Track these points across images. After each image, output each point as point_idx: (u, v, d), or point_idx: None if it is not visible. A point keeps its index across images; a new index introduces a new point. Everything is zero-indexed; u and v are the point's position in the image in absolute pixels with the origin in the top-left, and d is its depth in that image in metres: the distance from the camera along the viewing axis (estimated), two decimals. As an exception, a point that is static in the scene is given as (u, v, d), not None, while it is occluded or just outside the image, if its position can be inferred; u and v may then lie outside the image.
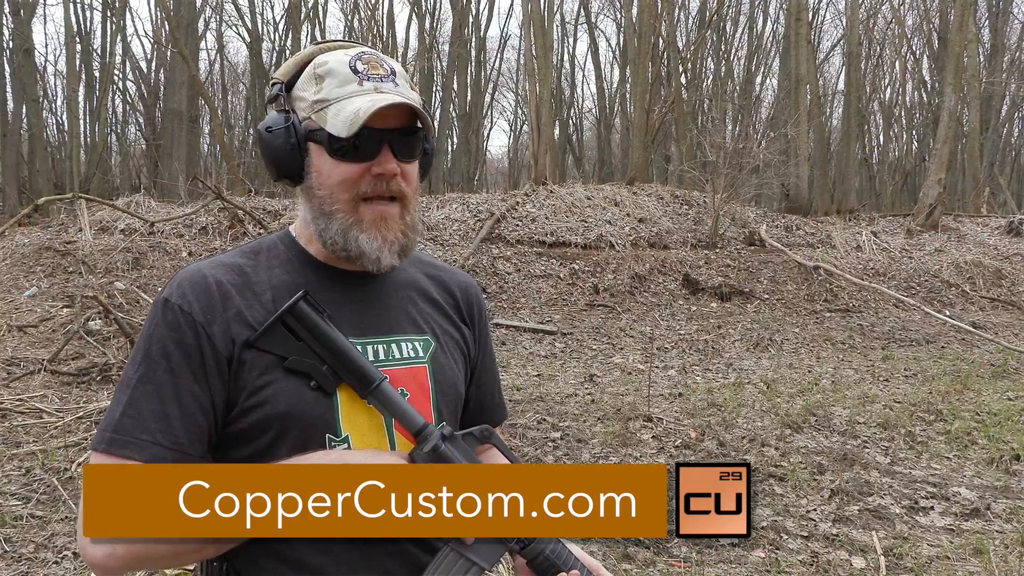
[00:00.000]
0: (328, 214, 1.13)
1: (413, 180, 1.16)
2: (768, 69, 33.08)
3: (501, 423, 1.41)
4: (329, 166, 1.12)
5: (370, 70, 1.13)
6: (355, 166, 1.11)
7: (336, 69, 1.13)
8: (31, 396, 5.29)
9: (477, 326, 1.33)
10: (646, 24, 18.68)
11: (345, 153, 1.10)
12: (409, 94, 1.14)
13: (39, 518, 3.52)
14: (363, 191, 1.12)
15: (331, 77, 1.12)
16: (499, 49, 36.17)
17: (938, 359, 8.69)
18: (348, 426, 1.11)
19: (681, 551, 3.63)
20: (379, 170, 1.10)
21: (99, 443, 1.04)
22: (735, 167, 13.82)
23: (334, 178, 1.12)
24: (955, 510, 4.20)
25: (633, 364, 7.88)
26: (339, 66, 1.13)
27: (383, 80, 1.12)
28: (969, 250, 14.71)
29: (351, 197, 1.12)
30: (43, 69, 26.61)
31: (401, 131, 1.12)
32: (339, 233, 1.13)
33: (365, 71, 1.12)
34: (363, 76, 1.12)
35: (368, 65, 1.13)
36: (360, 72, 1.12)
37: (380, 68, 1.14)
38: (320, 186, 1.13)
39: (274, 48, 29.41)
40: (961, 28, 16.71)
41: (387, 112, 1.09)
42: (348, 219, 1.12)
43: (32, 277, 8.81)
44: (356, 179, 1.11)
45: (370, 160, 1.11)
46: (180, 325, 1.07)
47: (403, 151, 1.13)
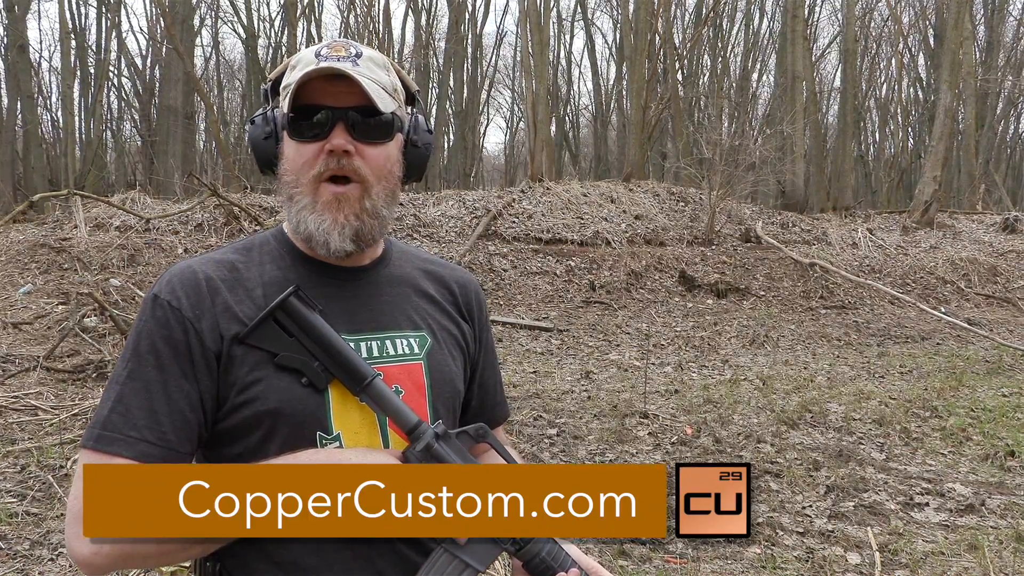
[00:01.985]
0: (291, 197, 1.13)
1: (377, 165, 1.14)
2: (764, 66, 33.13)
3: (504, 421, 1.40)
4: (292, 149, 1.13)
5: (331, 52, 1.12)
6: (311, 145, 1.11)
7: (304, 57, 1.13)
8: (26, 393, 5.28)
9: (477, 322, 1.32)
10: (643, 21, 18.66)
11: (301, 133, 1.11)
12: (369, 74, 1.11)
13: (34, 515, 3.52)
14: (320, 171, 1.11)
15: (299, 65, 1.13)
16: (495, 46, 36.15)
17: (933, 356, 8.72)
18: (340, 424, 1.10)
19: (677, 547, 3.64)
20: (329, 146, 1.10)
21: (88, 440, 1.03)
22: (731, 164, 13.83)
23: (296, 161, 1.12)
24: (950, 506, 4.22)
25: (629, 361, 7.89)
26: (307, 54, 1.13)
27: (340, 60, 1.11)
28: (964, 247, 14.75)
29: (311, 179, 1.12)
30: (38, 65, 26.52)
31: (360, 111, 1.11)
32: (296, 214, 1.13)
33: (327, 54, 1.12)
34: (323, 58, 1.11)
35: (331, 49, 1.13)
36: (321, 55, 1.12)
37: (343, 51, 1.13)
38: (286, 171, 1.14)
39: (270, 44, 29.36)
40: (957, 25, 16.73)
41: (341, 89, 1.09)
42: (305, 200, 1.12)
43: (27, 274, 8.79)
44: (313, 159, 1.11)
45: (324, 138, 1.11)
46: (169, 321, 1.07)
47: (361, 131, 1.11)
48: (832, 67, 36.46)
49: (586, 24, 33.44)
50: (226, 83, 33.08)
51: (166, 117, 21.00)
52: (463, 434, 1.10)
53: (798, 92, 17.40)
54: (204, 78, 29.10)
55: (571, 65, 37.39)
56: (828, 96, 31.42)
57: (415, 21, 31.41)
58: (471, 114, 31.59)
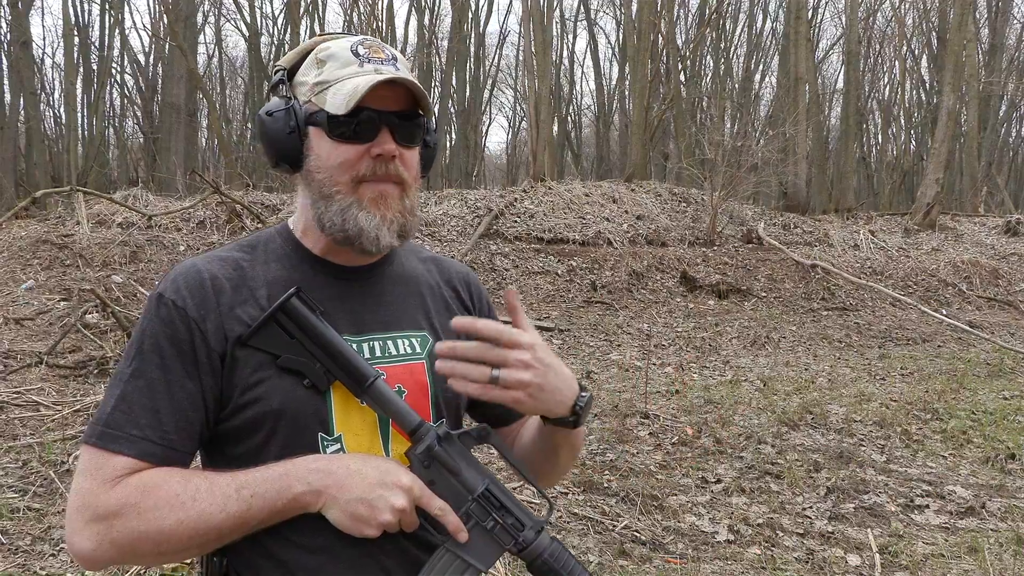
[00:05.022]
0: (327, 196, 1.12)
1: (413, 167, 1.15)
2: (767, 67, 33.12)
3: (524, 414, 1.33)
4: (328, 148, 1.11)
5: (371, 53, 1.13)
6: (354, 147, 1.10)
7: (338, 53, 1.13)
8: (28, 389, 5.28)
9: (479, 314, 1.31)
10: (645, 21, 18.66)
11: (344, 134, 1.10)
12: (412, 78, 1.13)
13: (36, 511, 3.52)
14: (362, 173, 1.11)
15: (332, 60, 1.12)
16: (498, 45, 36.19)
17: (934, 358, 8.71)
18: (342, 425, 1.10)
19: (677, 547, 3.64)
20: (378, 150, 1.10)
21: (90, 437, 1.04)
22: (733, 165, 13.82)
23: (333, 160, 1.11)
24: (950, 508, 4.22)
25: (630, 361, 7.88)
26: (341, 50, 1.13)
27: (384, 63, 1.12)
28: (966, 249, 14.75)
29: (350, 179, 1.11)
30: (41, 62, 26.59)
31: (401, 115, 1.12)
32: (338, 213, 1.11)
33: (366, 54, 1.12)
34: (364, 59, 1.11)
35: (369, 49, 1.13)
36: (361, 55, 1.12)
37: (382, 52, 1.14)
38: (319, 169, 1.12)
39: (273, 42, 29.37)
40: (960, 27, 16.72)
41: (386, 93, 1.09)
42: (347, 199, 1.11)
43: (29, 270, 8.79)
44: (355, 161, 1.10)
45: (369, 141, 1.10)
46: (174, 320, 1.07)
47: (403, 135, 1.12)
48: (835, 69, 36.51)
49: (589, 24, 33.46)
50: (228, 81, 33.11)
51: (168, 114, 21.00)
52: (465, 435, 1.10)
53: (800, 93, 17.39)
54: (207, 75, 29.12)
55: (574, 65, 37.42)
56: (831, 98, 31.39)
57: (418, 20, 31.44)
58: (473, 113, 31.60)
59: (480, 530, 1.07)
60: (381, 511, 1.01)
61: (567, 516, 3.89)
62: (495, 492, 1.08)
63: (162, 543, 0.99)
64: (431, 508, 1.05)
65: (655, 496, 4.15)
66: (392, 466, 1.06)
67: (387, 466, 1.05)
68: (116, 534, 0.99)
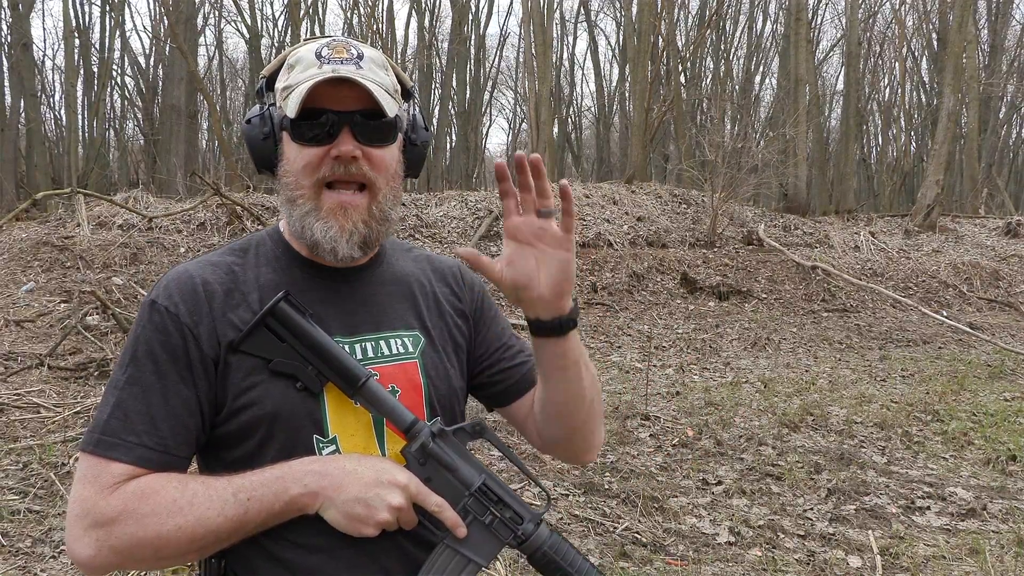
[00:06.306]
0: (292, 200, 1.12)
1: (384, 167, 1.13)
2: (767, 68, 33.15)
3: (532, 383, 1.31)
4: (294, 152, 1.11)
5: (333, 54, 1.11)
6: (315, 149, 1.10)
7: (304, 56, 1.12)
8: (28, 391, 5.28)
9: (469, 303, 1.31)
10: (646, 23, 18.67)
11: (305, 136, 1.10)
12: (373, 77, 1.11)
13: (36, 513, 3.52)
14: (324, 175, 1.10)
15: (299, 64, 1.12)
16: (498, 47, 36.21)
17: (935, 359, 8.70)
18: (336, 426, 1.10)
19: (678, 549, 3.64)
20: (335, 152, 1.09)
21: (87, 444, 1.04)
22: (734, 166, 13.83)
23: (298, 163, 1.11)
24: (951, 510, 4.21)
25: (631, 363, 7.88)
26: (307, 53, 1.12)
27: (344, 62, 1.10)
28: (967, 251, 14.74)
29: (313, 183, 1.11)
30: (41, 64, 26.62)
31: (364, 114, 1.10)
32: (299, 220, 1.12)
33: (328, 55, 1.11)
34: (325, 60, 1.10)
35: (333, 50, 1.12)
36: (323, 57, 1.11)
37: (344, 52, 1.12)
38: (287, 173, 1.13)
39: (273, 44, 29.39)
40: (960, 29, 16.72)
41: (347, 93, 1.08)
42: (307, 205, 1.11)
43: (30, 272, 8.79)
44: (317, 163, 1.10)
45: (329, 143, 1.10)
46: (167, 327, 1.07)
47: (365, 134, 1.10)
48: (835, 70, 36.53)
49: (589, 26, 33.49)
50: (229, 82, 33.14)
51: (169, 116, 21.01)
52: (460, 431, 1.10)
53: (801, 95, 17.39)
54: (207, 77, 29.13)
55: (574, 67, 37.44)
56: (831, 99, 31.41)
57: (418, 21, 31.46)
58: (474, 115, 31.63)
59: (479, 525, 1.07)
60: (378, 510, 1.01)
61: (568, 518, 3.88)
62: (492, 486, 1.08)
63: (161, 548, 1.00)
64: (428, 505, 1.05)
65: (656, 498, 4.15)
66: (388, 465, 1.06)
67: (383, 465, 1.05)
68: (115, 540, 0.99)
